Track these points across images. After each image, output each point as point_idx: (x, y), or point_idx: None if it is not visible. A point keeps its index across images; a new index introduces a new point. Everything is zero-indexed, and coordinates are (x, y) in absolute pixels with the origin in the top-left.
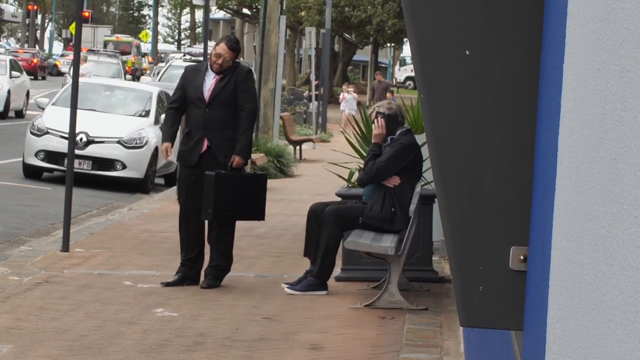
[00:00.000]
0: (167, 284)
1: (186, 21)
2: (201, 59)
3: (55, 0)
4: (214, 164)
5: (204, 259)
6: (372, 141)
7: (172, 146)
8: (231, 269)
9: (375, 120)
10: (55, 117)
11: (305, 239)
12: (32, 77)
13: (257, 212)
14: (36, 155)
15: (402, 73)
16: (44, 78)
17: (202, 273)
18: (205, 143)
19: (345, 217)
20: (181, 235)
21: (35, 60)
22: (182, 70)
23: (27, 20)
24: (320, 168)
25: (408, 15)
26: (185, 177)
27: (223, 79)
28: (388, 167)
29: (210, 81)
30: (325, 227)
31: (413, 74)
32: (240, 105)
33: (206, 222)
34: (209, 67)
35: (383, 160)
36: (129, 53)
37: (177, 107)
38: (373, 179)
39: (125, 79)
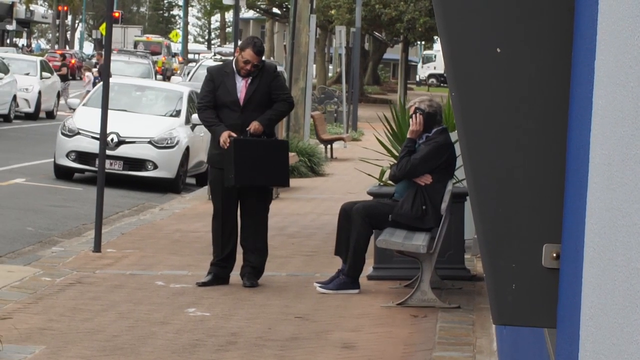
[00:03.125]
0: (203, 284)
1: (216, 21)
2: (231, 58)
3: (85, 1)
4: None
5: (235, 259)
6: (408, 136)
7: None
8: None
9: (414, 116)
10: (86, 118)
11: (337, 238)
12: (71, 78)
13: (281, 179)
14: (67, 155)
15: (425, 70)
16: (81, 78)
17: (240, 274)
18: None
19: (374, 215)
20: (215, 236)
21: (73, 61)
22: None
23: (57, 22)
24: (352, 167)
25: (439, 13)
26: (221, 179)
27: (253, 81)
28: (422, 165)
29: (240, 84)
30: (354, 225)
31: (436, 71)
32: (276, 99)
33: (239, 223)
34: (235, 69)
35: (417, 158)
36: (159, 53)
37: (213, 107)
38: (406, 176)
39: (155, 79)
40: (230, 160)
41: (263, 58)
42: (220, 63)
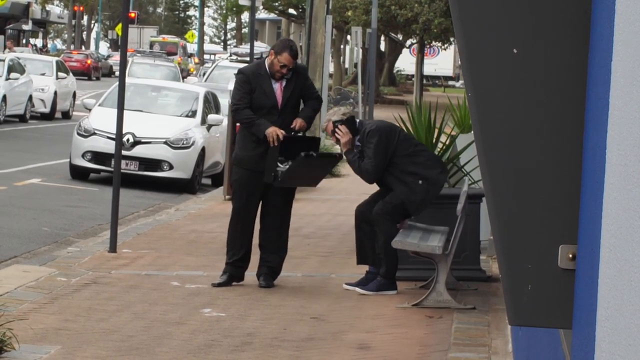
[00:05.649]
0: (219, 285)
1: (232, 21)
2: (247, 59)
3: (101, 1)
4: None
5: (250, 258)
6: (345, 150)
7: None
8: None
9: (337, 130)
10: (102, 118)
11: (358, 247)
12: (86, 78)
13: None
14: (83, 156)
15: None
16: (98, 79)
17: (257, 274)
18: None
19: (393, 211)
20: (233, 236)
21: (89, 61)
22: (228, 71)
23: (73, 22)
24: None
25: (455, 14)
26: (249, 180)
27: (289, 84)
28: (381, 158)
29: (275, 86)
30: (380, 228)
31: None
32: (309, 97)
33: (257, 224)
34: (269, 72)
35: (372, 156)
36: (175, 54)
37: (249, 108)
38: (375, 177)
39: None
40: (274, 158)
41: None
42: (249, 64)
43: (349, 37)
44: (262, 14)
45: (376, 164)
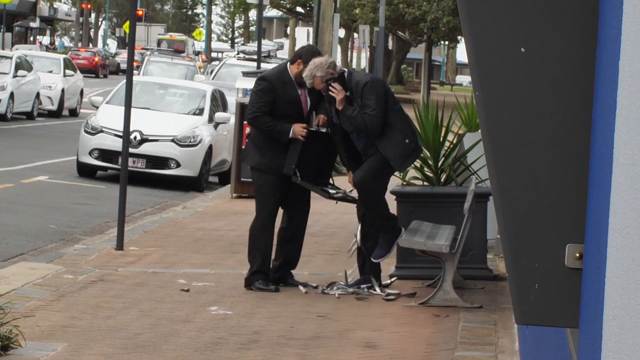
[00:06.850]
0: (275, 289)
1: (240, 19)
2: (255, 57)
3: None
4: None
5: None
6: (340, 107)
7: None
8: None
9: (331, 88)
10: (109, 116)
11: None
12: (94, 75)
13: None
14: (90, 153)
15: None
16: (105, 76)
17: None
18: None
19: (376, 174)
20: (263, 246)
21: (96, 59)
22: (235, 69)
23: (81, 19)
24: None
25: (463, 13)
26: (278, 184)
27: (312, 90)
28: (383, 108)
29: (299, 92)
30: (367, 194)
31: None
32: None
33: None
34: (293, 79)
35: (375, 107)
36: (183, 51)
37: (273, 116)
38: (381, 127)
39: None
40: (296, 151)
41: None
42: (270, 69)
43: (355, 35)
44: (269, 12)
45: (380, 113)
